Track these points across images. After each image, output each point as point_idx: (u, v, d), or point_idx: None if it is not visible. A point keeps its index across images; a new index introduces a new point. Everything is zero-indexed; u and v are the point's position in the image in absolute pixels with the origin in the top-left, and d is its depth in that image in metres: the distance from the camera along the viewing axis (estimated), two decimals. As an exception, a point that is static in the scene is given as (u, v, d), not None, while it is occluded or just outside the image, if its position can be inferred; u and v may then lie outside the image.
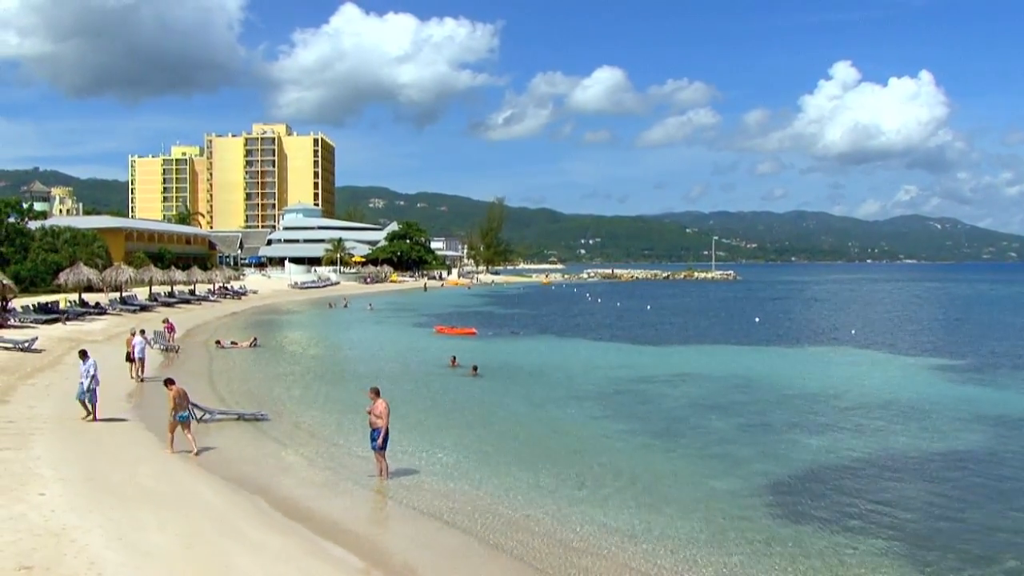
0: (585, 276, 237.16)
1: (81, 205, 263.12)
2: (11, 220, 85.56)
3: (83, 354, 25.84)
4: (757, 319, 78.70)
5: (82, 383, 24.85)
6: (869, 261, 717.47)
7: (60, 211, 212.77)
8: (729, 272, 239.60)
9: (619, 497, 19.47)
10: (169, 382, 22.91)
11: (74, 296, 64.32)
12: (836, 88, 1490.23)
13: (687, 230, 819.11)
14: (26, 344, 39.95)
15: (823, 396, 34.38)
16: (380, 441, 20.01)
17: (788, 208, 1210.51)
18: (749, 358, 48.14)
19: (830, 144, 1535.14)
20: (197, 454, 22.11)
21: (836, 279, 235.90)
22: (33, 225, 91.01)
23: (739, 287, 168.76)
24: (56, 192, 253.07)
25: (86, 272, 64.13)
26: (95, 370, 25.00)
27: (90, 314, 59.38)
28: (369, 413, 20.08)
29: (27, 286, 71.43)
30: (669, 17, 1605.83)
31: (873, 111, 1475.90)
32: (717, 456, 23.83)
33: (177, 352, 45.75)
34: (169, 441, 22.31)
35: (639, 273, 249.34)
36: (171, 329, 48.51)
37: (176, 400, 22.06)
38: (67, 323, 54.13)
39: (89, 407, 25.01)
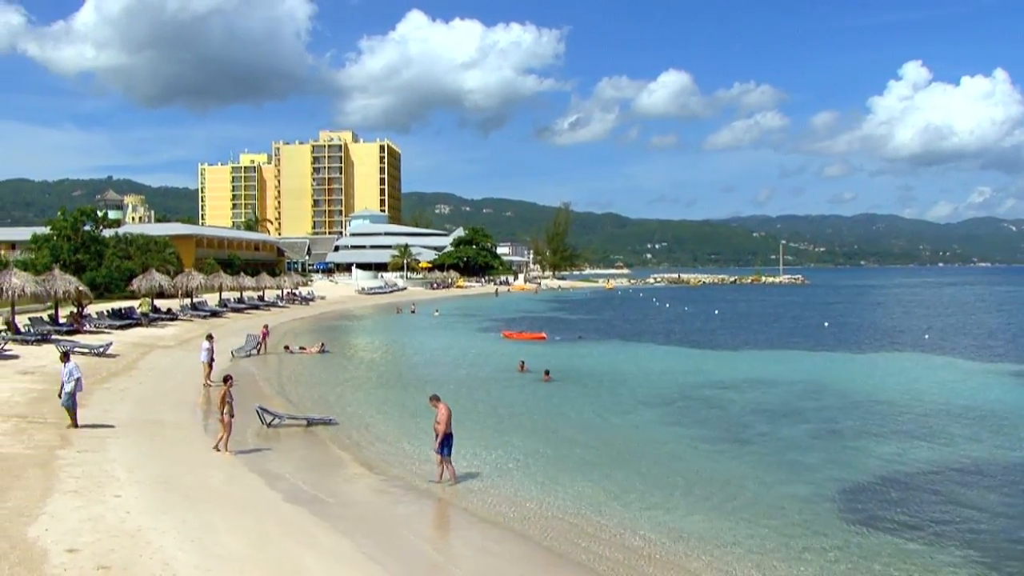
0: (652, 281, 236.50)
1: (153, 213, 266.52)
2: (87, 228, 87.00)
3: (64, 357, 24.77)
4: (826, 324, 77.72)
5: (63, 385, 23.51)
6: (941, 264, 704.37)
7: (133, 219, 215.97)
8: (797, 276, 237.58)
9: (687, 503, 19.38)
10: (227, 379, 23.36)
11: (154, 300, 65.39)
12: (906, 88, 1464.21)
13: (754, 234, 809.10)
14: (101, 349, 40.70)
15: (895, 402, 33.79)
16: (437, 444, 20.22)
17: (857, 211, 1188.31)
18: (818, 363, 47.62)
19: (900, 146, 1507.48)
20: (217, 449, 22.56)
21: (907, 283, 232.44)
22: (107, 233, 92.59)
23: (808, 291, 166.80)
24: (129, 200, 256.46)
25: (158, 278, 65.14)
26: (78, 373, 23.88)
27: (162, 319, 60.29)
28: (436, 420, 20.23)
29: (102, 292, 72.70)
30: (735, 20, 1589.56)
31: (945, 111, 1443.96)
32: (786, 462, 23.63)
33: (247, 356, 46.30)
34: (224, 440, 22.67)
35: (706, 278, 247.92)
36: (266, 335, 49.89)
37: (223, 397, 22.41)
38: (149, 326, 55.29)
39: (69, 413, 23.78)
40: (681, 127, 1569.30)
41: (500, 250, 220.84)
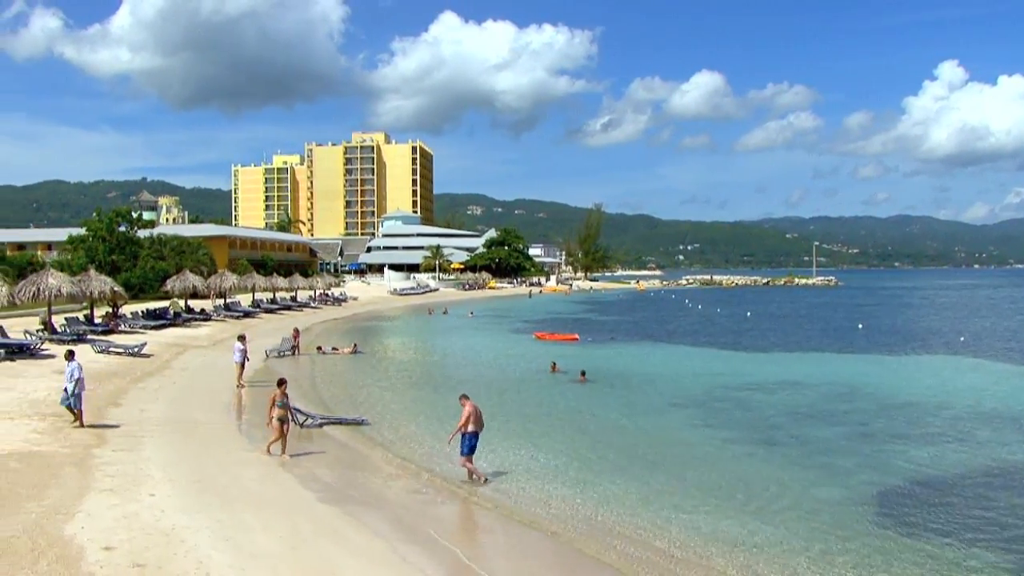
0: (684, 282, 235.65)
1: (187, 214, 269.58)
2: (122, 229, 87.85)
3: (69, 355, 24.46)
4: (860, 326, 77.14)
5: (66, 387, 23.29)
6: (977, 266, 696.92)
7: (167, 220, 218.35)
8: (830, 278, 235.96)
9: (720, 505, 19.29)
10: (280, 382, 23.05)
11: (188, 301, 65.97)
12: (942, 88, 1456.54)
13: (787, 236, 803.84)
14: (136, 349, 41.04)
15: (930, 405, 33.47)
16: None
17: (891, 212, 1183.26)
18: (851, 366, 47.28)
19: (936, 146, 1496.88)
20: (284, 453, 22.43)
21: (942, 285, 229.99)
22: (142, 234, 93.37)
23: (841, 293, 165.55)
24: (163, 201, 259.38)
25: (192, 279, 65.50)
26: (79, 373, 23.49)
27: (195, 320, 60.72)
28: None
29: (136, 293, 73.30)
30: (769, 20, 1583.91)
31: (981, 111, 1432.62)
32: (820, 465, 23.47)
33: (281, 356, 46.53)
34: (270, 443, 22.57)
35: (739, 279, 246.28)
36: (297, 337, 50.04)
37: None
38: (183, 326, 55.82)
39: (75, 412, 23.47)
40: (713, 128, 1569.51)
41: (532, 251, 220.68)
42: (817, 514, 18.71)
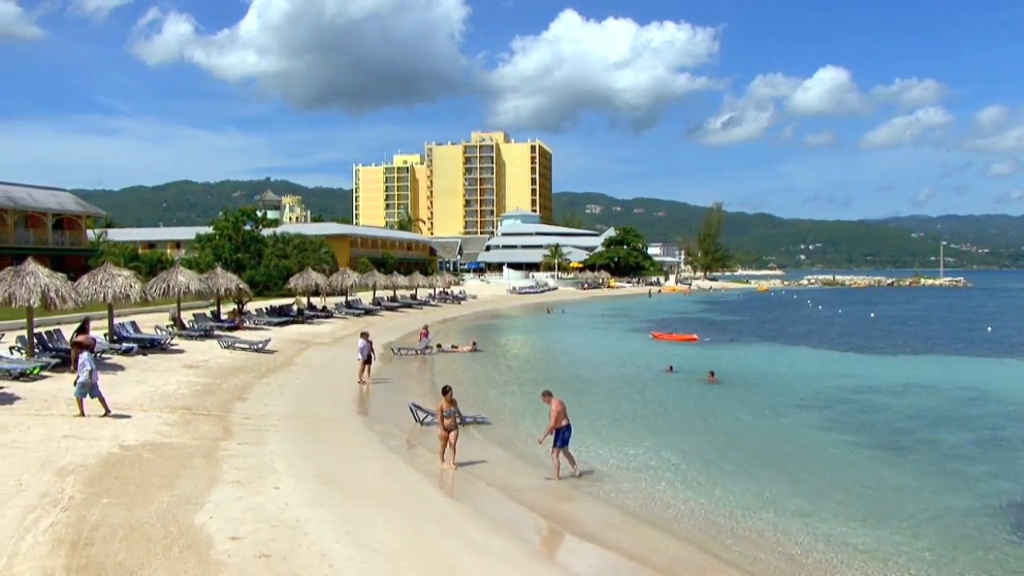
0: (805, 282, 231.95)
1: (309, 213, 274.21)
2: (247, 228, 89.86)
3: (78, 346, 24.42)
4: (990, 328, 74.65)
5: (79, 378, 22.83)
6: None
7: (290, 219, 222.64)
8: (959, 278, 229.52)
9: (845, 511, 18.81)
10: (445, 390, 22.11)
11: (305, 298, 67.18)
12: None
13: (913, 235, 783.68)
14: (260, 345, 41.87)
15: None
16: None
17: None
18: (982, 369, 45.75)
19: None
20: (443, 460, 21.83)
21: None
22: (266, 232, 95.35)
23: (969, 294, 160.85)
24: (286, 201, 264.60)
25: (314, 277, 66.62)
26: (91, 364, 22.93)
27: (318, 317, 61.74)
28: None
29: (260, 290, 74.86)
30: (896, 13, 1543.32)
31: None
32: (948, 472, 22.72)
33: (418, 354, 47.14)
34: (441, 452, 21.82)
35: (862, 279, 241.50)
36: (425, 335, 50.41)
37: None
38: (305, 323, 57.01)
39: (97, 402, 23.03)
40: (837, 125, 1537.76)
41: (651, 250, 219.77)
42: (944, 522, 18.12)
